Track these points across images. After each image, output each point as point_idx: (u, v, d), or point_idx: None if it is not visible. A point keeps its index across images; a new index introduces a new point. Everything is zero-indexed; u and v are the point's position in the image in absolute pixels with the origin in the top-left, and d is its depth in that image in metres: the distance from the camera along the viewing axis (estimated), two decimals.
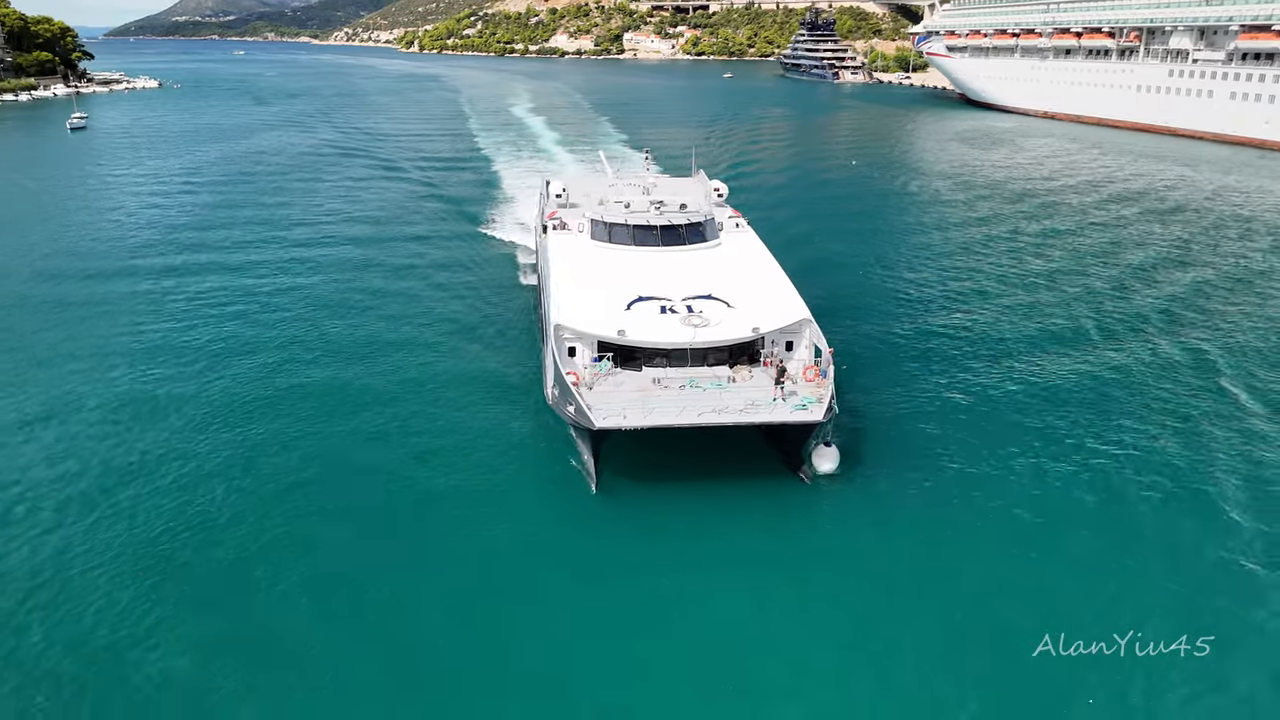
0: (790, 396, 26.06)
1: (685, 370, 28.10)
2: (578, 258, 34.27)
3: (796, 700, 18.48)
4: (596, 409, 25.06)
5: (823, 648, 19.90)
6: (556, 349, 27.98)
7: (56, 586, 21.49)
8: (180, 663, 19.18)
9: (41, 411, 30.96)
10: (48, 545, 23.18)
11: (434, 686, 18.76)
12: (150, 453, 28.03)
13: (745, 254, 34.60)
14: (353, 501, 25.45)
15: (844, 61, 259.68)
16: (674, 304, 29.29)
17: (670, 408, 25.76)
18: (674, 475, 26.52)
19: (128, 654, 19.37)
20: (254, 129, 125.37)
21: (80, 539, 23.41)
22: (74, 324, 40.37)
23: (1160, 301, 43.98)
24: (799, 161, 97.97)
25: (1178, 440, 29.13)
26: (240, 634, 20.06)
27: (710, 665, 19.37)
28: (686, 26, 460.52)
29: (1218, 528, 24.16)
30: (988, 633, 20.08)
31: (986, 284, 47.67)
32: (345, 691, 18.55)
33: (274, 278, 47.73)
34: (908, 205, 71.51)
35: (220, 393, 32.39)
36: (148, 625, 20.27)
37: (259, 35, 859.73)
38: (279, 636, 20.06)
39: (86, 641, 19.75)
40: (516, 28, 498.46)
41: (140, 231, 59.81)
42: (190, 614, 20.55)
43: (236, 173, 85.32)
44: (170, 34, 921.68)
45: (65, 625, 20.24)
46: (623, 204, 36.88)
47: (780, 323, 28.47)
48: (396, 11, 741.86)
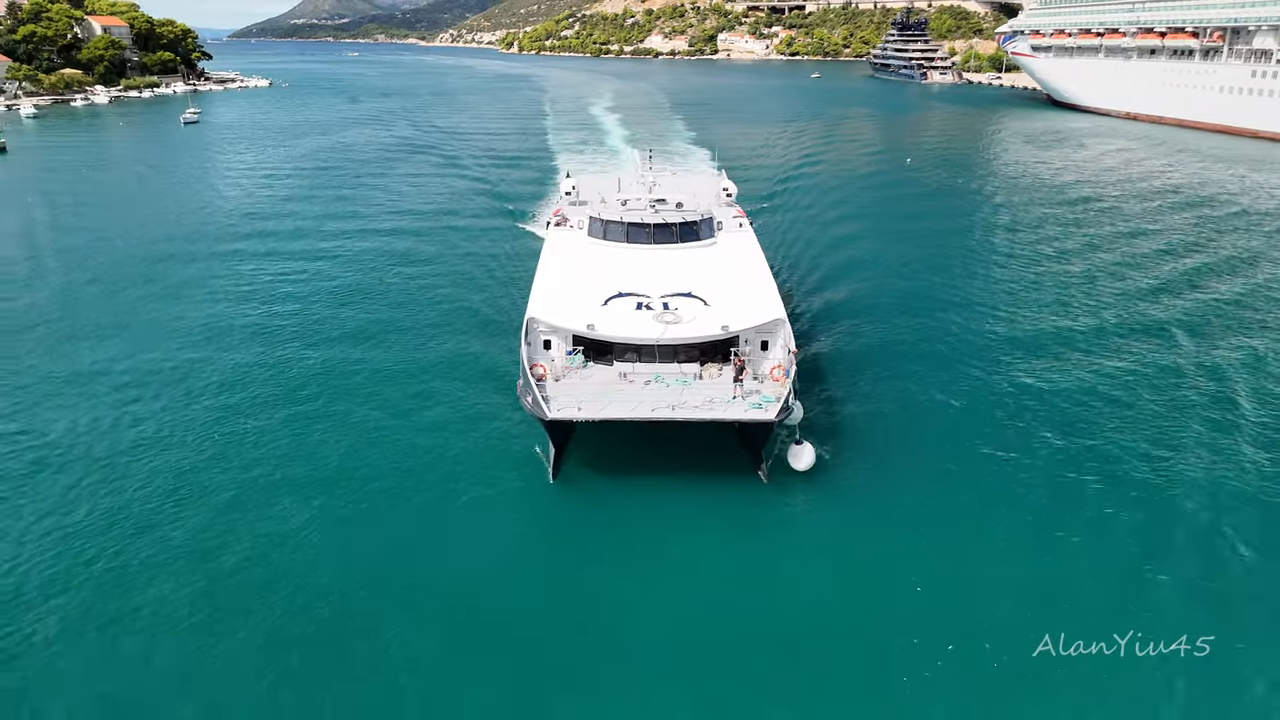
0: (751, 395, 26.26)
1: (654, 366, 28.34)
2: (569, 253, 35.04)
3: (767, 702, 18.46)
4: (552, 400, 25.80)
5: (785, 649, 19.77)
6: (530, 341, 28.64)
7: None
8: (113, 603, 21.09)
9: (140, 360, 36.78)
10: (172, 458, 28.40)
11: (364, 666, 19.29)
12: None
13: (736, 253, 34.57)
14: (303, 473, 26.82)
15: (933, 61, 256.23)
16: (650, 300, 29.57)
17: (627, 402, 26.08)
18: (639, 469, 26.94)
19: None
20: (341, 125, 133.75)
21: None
22: (162, 289, 46.84)
23: (1193, 308, 43.39)
24: (860, 160, 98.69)
25: (1178, 441, 29.05)
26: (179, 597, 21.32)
27: (639, 659, 19.61)
28: (781, 27, 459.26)
29: (1218, 527, 24.09)
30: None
31: (1016, 288, 46.92)
32: (282, 672, 19.07)
33: (316, 262, 51.98)
34: (955, 205, 71.09)
35: (230, 361, 36.43)
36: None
37: (370, 37, 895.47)
38: (216, 603, 21.15)
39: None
40: (612, 29, 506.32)
41: (225, 216, 66.62)
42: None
43: (316, 165, 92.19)
44: (288, 36, 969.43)
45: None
46: (621, 202, 37.34)
47: (751, 322, 28.36)
48: (500, 14, 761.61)
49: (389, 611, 20.92)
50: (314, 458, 28.04)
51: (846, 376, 34.52)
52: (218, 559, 22.83)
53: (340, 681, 18.85)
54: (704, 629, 20.49)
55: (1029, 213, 67.56)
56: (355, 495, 25.80)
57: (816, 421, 29.75)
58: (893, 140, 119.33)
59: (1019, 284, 47.97)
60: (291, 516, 24.80)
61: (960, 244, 57.65)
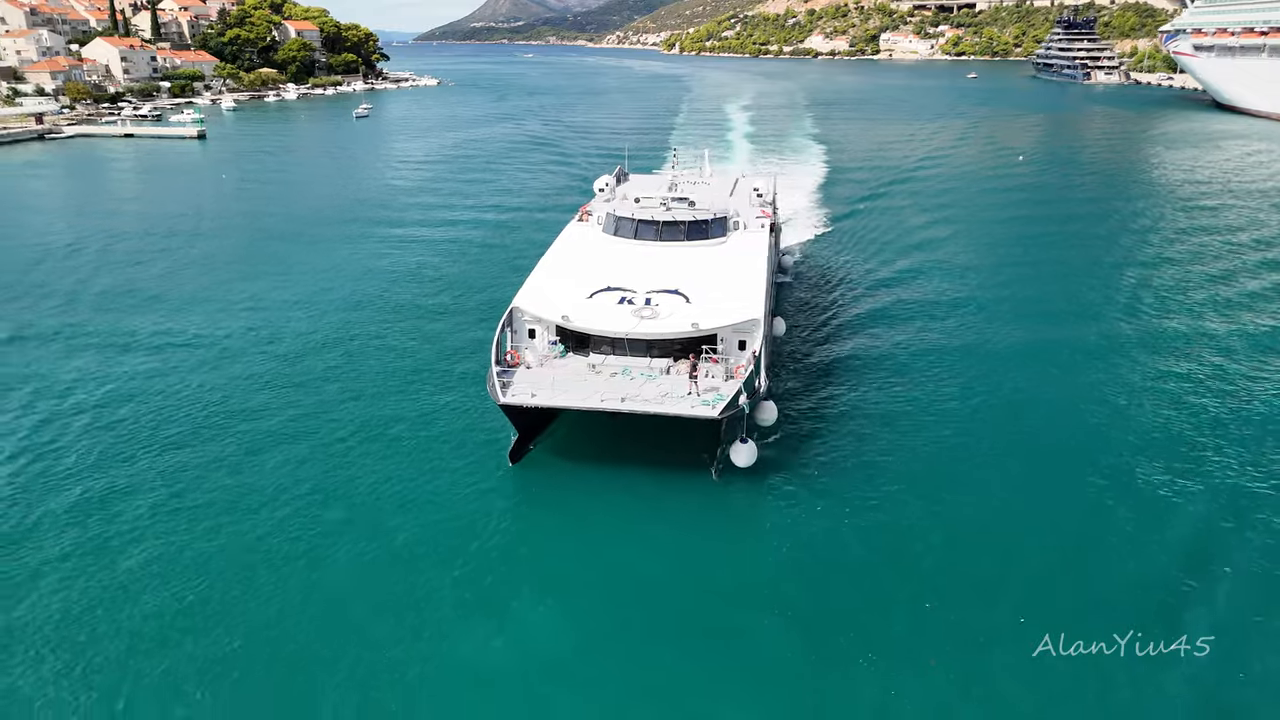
0: (708, 392, 26.52)
1: (625, 359, 28.87)
2: (575, 247, 35.59)
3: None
4: (511, 386, 26.72)
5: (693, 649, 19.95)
6: (516, 329, 29.67)
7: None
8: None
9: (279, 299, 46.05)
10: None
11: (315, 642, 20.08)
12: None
13: (740, 253, 34.15)
14: (268, 443, 29.17)
15: (1098, 61, 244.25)
16: (635, 296, 29.94)
17: (581, 392, 26.63)
18: (601, 459, 27.74)
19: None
20: (482, 121, 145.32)
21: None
22: (308, 241, 57.47)
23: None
24: (976, 160, 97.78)
25: (1178, 442, 29.06)
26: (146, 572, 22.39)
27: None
28: (949, 26, 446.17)
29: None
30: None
31: (1045, 296, 45.34)
32: (235, 646, 19.82)
33: (401, 247, 58.90)
34: (1049, 208, 68.68)
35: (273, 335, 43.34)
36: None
37: (542, 39, 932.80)
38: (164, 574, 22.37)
39: None
40: (773, 29, 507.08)
41: (365, 196, 77.48)
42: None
43: (449, 156, 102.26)
44: (468, 39, 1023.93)
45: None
46: (635, 200, 37.64)
47: (723, 321, 28.38)
48: (666, 15, 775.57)
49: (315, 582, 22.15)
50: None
51: (846, 380, 34.58)
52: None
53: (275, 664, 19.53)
54: (613, 611, 21.05)
55: (1120, 218, 65.51)
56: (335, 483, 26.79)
57: (797, 422, 30.45)
58: (1017, 140, 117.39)
59: (1050, 293, 45.98)
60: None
61: (1036, 248, 55.94)
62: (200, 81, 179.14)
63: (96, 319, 42.40)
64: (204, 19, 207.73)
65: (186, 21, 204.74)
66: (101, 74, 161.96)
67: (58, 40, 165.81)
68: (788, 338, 38.73)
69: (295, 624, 20.62)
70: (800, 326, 40.98)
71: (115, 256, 55.17)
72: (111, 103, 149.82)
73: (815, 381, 34.58)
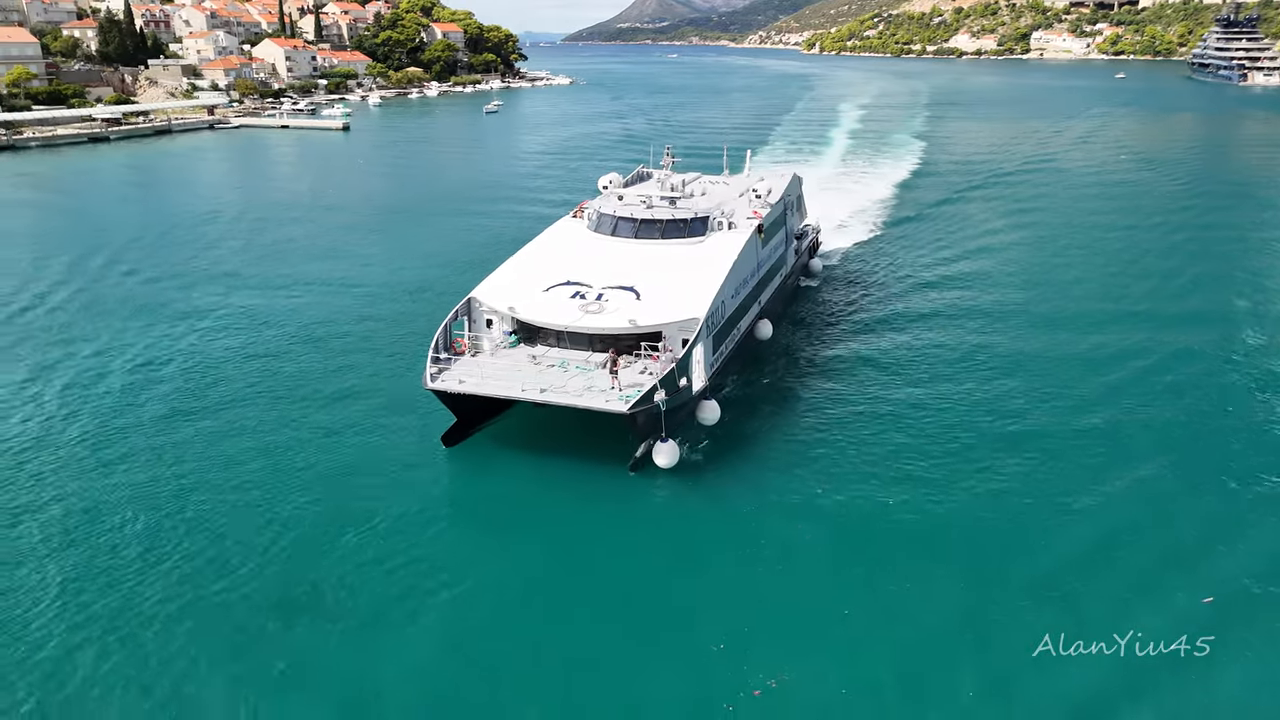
0: (629, 388, 26.56)
1: (565, 352, 29.68)
2: (553, 242, 35.85)
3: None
4: (444, 373, 27.76)
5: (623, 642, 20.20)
6: (475, 319, 30.79)
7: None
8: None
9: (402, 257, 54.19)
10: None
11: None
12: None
13: (711, 253, 33.75)
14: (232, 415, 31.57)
15: (1258, 61, 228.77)
16: (588, 291, 30.30)
17: (504, 381, 27.32)
18: (532, 449, 28.67)
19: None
20: (591, 118, 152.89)
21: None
22: (418, 216, 66.47)
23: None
24: (1086, 164, 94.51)
25: (1178, 444, 29.08)
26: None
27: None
28: (1107, 24, 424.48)
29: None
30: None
31: (1086, 311, 43.33)
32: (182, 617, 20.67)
33: (467, 229, 65.88)
34: (1160, 217, 65.44)
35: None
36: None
37: (685, 39, 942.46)
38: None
39: None
40: (917, 28, 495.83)
41: (470, 180, 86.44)
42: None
43: (544, 151, 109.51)
44: (613, 39, 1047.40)
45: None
46: (620, 197, 37.79)
47: (662, 319, 28.60)
48: (810, 15, 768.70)
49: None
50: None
51: (825, 384, 34.36)
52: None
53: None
54: (492, 592, 21.85)
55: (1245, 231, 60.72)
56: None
57: (745, 423, 30.53)
58: (1144, 143, 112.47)
59: (1067, 308, 43.74)
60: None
61: (1111, 262, 52.83)
62: (353, 79, 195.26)
63: (248, 269, 52.61)
64: (361, 22, 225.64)
65: (346, 24, 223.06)
66: (268, 72, 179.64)
67: (232, 41, 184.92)
68: (783, 340, 38.56)
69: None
70: (803, 330, 40.80)
71: (265, 223, 65.75)
72: (274, 98, 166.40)
73: (791, 385, 34.23)
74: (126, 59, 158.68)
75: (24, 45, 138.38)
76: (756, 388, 33.95)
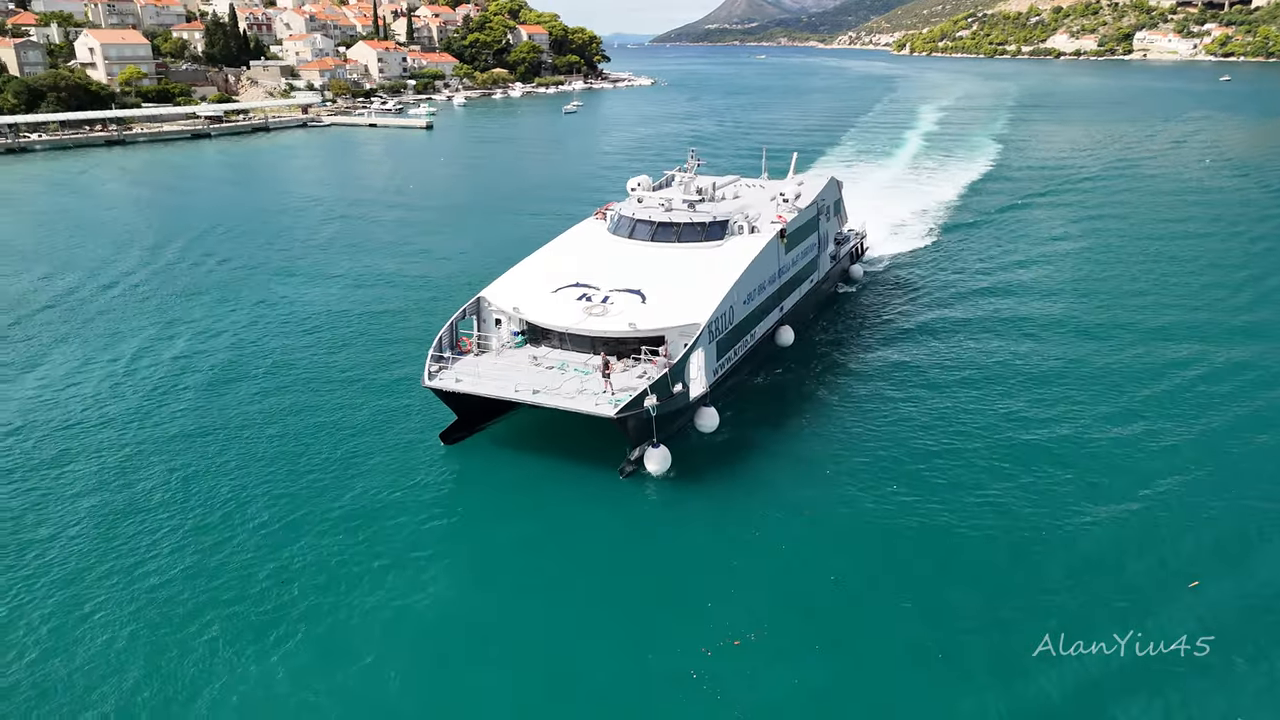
0: (622, 392, 26.45)
1: (566, 354, 29.52)
2: (569, 243, 35.84)
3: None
4: (443, 372, 27.94)
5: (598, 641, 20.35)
6: (484, 318, 30.87)
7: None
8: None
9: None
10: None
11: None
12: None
13: (726, 257, 33.11)
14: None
15: None
16: (595, 293, 30.10)
17: (499, 381, 27.25)
18: (530, 449, 28.60)
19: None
20: (666, 118, 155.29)
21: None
22: (489, 214, 69.92)
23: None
24: (1170, 169, 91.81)
25: (1178, 444, 29.10)
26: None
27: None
28: (1216, 24, 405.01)
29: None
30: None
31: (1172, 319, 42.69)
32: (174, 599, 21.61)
33: (523, 225, 66.37)
34: (1237, 227, 63.42)
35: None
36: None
37: (774, 40, 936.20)
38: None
39: None
40: (1013, 28, 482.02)
41: (539, 181, 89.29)
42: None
43: (616, 151, 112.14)
44: (701, 40, 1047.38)
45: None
46: (640, 200, 37.42)
47: (662, 324, 28.34)
48: (901, 15, 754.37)
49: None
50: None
51: (841, 393, 33.87)
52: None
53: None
54: (480, 578, 22.47)
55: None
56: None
57: (746, 430, 30.12)
58: (1240, 151, 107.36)
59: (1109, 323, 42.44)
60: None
61: (1179, 273, 51.05)
62: (440, 80, 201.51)
63: (330, 260, 56.44)
64: (451, 24, 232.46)
65: (436, 27, 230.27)
66: (361, 72, 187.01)
67: (329, 43, 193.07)
68: (803, 347, 37.92)
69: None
70: (827, 337, 40.16)
71: (348, 220, 69.96)
72: (365, 98, 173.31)
73: (799, 394, 33.60)
74: (230, 60, 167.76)
75: (136, 46, 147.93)
76: (760, 395, 33.43)
